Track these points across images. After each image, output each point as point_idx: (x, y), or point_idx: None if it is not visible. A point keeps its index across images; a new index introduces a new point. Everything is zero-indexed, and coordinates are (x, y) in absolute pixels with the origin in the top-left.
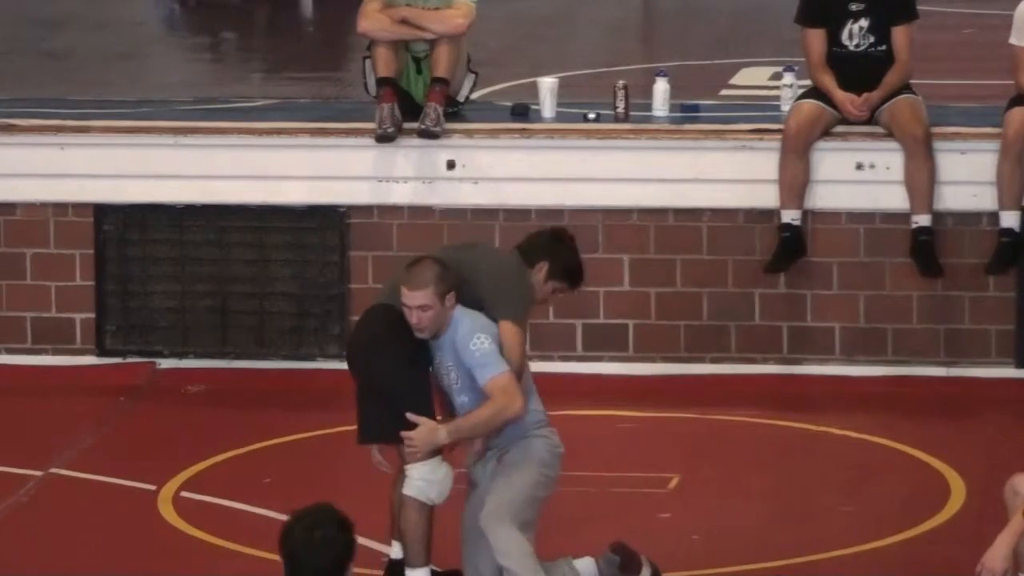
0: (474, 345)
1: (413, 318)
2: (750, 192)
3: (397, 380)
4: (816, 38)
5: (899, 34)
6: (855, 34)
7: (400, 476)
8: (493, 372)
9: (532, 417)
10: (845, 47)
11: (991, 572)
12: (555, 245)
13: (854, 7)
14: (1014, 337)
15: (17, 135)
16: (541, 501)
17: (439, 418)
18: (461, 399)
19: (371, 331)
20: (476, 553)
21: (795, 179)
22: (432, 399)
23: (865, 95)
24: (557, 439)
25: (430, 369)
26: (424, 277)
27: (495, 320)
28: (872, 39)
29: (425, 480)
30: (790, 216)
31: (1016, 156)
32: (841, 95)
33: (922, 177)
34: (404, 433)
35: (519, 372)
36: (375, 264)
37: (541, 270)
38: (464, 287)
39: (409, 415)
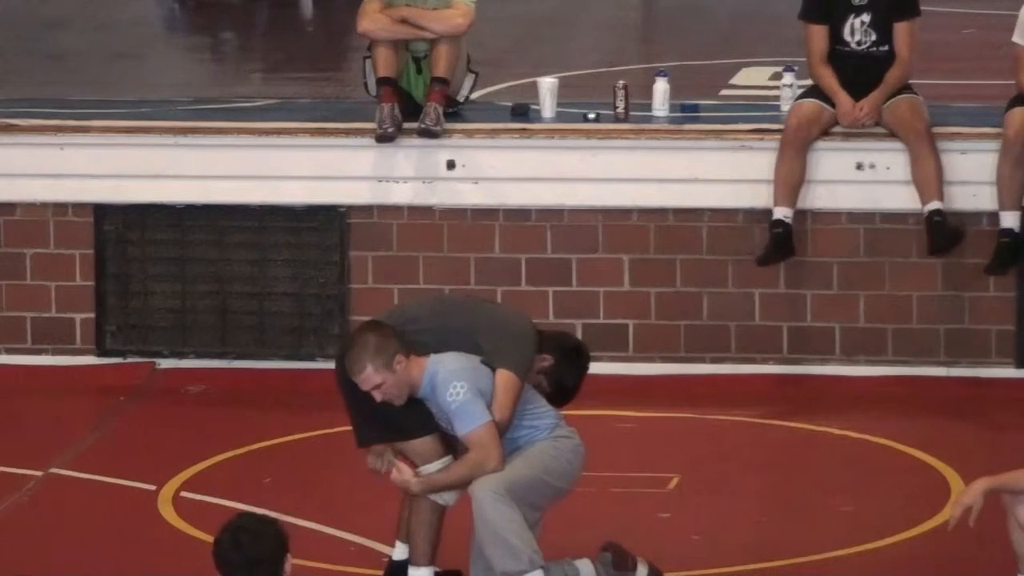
0: (450, 395)
1: (376, 397)
2: (750, 192)
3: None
4: (818, 34)
5: (901, 30)
6: (856, 29)
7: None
8: (471, 425)
9: (544, 422)
10: (847, 44)
11: (961, 506)
12: (571, 356)
13: (856, 1)
14: (1014, 337)
15: (17, 135)
16: (553, 489)
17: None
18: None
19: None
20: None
21: (790, 177)
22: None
23: (864, 106)
24: (577, 439)
25: None
26: (361, 360)
27: (493, 368)
28: (874, 36)
29: None
30: (782, 213)
31: (1016, 156)
32: (844, 100)
33: (929, 168)
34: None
35: (504, 424)
36: (375, 264)
37: (543, 361)
38: (465, 332)
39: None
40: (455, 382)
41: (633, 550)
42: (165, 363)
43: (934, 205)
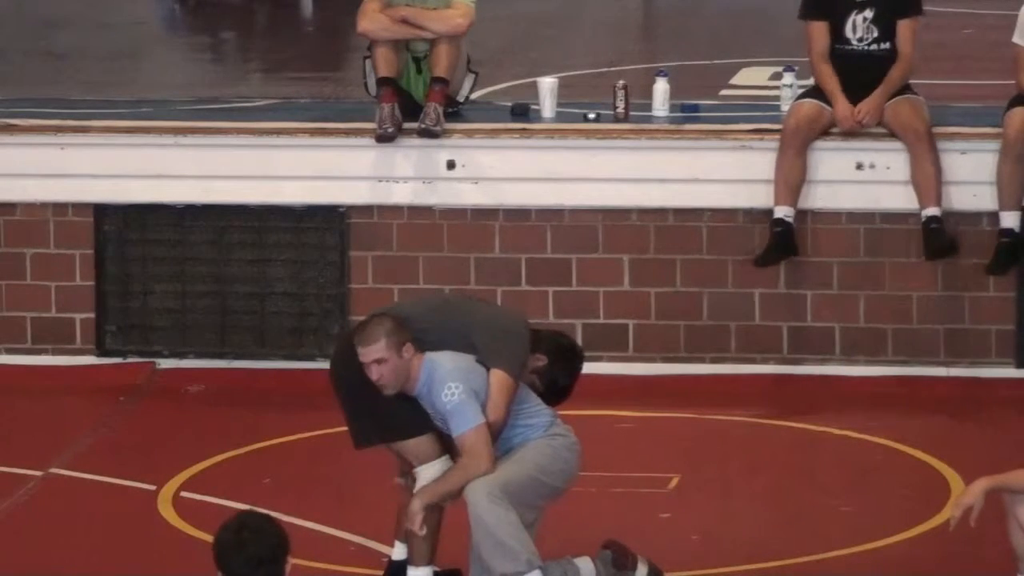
0: (446, 395)
1: (373, 374)
2: (750, 192)
3: (395, 403)
4: (819, 31)
5: (903, 28)
6: (858, 26)
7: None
8: (463, 427)
9: (539, 420)
10: (848, 42)
11: (962, 506)
12: (565, 355)
13: None
14: (1014, 337)
15: (17, 135)
16: (549, 488)
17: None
18: None
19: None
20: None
21: (791, 177)
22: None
23: (863, 108)
24: (573, 437)
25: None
26: (375, 332)
27: (487, 368)
28: (875, 33)
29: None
30: (783, 212)
31: (1016, 156)
32: (842, 104)
33: (928, 171)
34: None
35: (499, 424)
36: (375, 264)
37: (537, 360)
38: (460, 331)
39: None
40: (450, 383)
41: (633, 550)
42: (165, 363)
43: (931, 211)
